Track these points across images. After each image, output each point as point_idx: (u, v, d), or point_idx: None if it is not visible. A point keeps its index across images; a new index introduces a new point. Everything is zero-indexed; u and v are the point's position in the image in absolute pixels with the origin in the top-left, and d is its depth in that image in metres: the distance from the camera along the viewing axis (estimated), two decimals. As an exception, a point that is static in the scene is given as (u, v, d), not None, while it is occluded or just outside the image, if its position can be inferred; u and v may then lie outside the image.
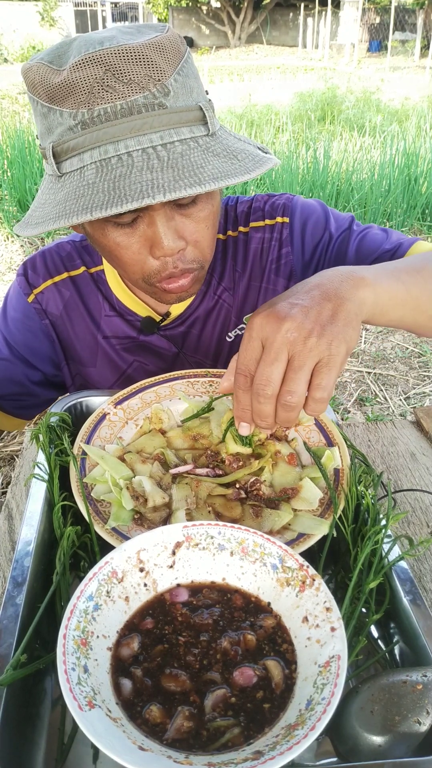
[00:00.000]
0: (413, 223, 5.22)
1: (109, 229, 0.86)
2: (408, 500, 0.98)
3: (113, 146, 0.78)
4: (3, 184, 5.50)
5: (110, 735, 0.47)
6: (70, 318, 1.14)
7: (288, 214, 1.13)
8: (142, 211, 0.83)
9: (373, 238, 1.10)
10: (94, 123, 0.78)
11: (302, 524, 0.73)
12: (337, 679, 0.50)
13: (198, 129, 0.82)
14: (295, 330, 0.68)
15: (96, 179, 0.78)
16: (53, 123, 0.81)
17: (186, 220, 0.87)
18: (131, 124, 0.78)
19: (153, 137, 0.78)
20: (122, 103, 0.77)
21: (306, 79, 14.13)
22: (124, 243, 0.86)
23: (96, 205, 0.75)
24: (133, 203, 0.73)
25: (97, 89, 0.77)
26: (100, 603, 0.58)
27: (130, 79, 0.77)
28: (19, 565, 0.67)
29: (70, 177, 0.81)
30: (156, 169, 0.76)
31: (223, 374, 0.96)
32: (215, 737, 0.50)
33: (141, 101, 0.78)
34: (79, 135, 0.79)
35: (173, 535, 0.64)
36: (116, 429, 0.87)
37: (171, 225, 0.85)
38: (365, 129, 7.62)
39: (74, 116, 0.79)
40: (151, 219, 0.84)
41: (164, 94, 0.79)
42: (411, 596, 0.65)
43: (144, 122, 0.78)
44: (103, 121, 0.78)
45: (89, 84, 0.77)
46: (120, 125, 0.78)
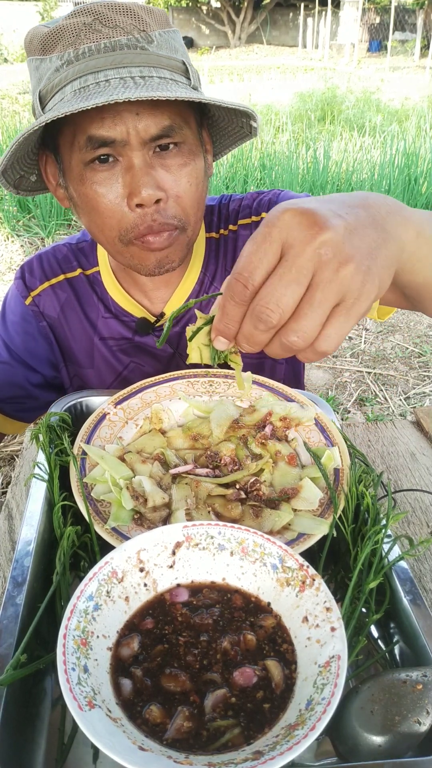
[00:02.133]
0: (413, 223, 5.22)
1: (87, 174, 0.86)
2: (408, 500, 0.98)
3: (93, 76, 0.81)
4: (3, 185, 5.50)
5: (110, 735, 0.47)
6: (67, 320, 1.14)
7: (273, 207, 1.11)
8: (120, 152, 0.84)
9: None
10: (78, 59, 0.82)
11: (302, 524, 0.72)
12: (337, 679, 0.50)
13: (180, 77, 0.85)
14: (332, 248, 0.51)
15: (71, 99, 0.81)
16: (43, 72, 0.85)
17: (166, 172, 0.87)
18: (112, 58, 0.82)
19: (132, 70, 0.82)
20: (106, 42, 0.82)
21: (306, 79, 14.13)
22: (102, 190, 0.87)
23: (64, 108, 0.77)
24: (99, 98, 0.75)
25: (84, 32, 0.82)
26: (100, 603, 0.58)
27: (116, 24, 0.83)
28: (19, 565, 0.67)
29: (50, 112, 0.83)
30: (130, 87, 0.79)
31: (224, 374, 0.96)
32: (215, 737, 0.50)
33: (124, 41, 0.82)
34: (63, 72, 0.83)
35: (173, 535, 0.64)
36: (116, 429, 0.87)
37: (150, 172, 0.85)
38: (365, 129, 7.62)
39: (61, 57, 0.83)
40: (129, 161, 0.85)
41: (148, 41, 0.84)
42: (411, 596, 0.65)
43: (124, 57, 0.82)
44: (87, 57, 0.82)
45: (77, 28, 0.82)
46: (102, 58, 0.82)
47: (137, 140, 0.84)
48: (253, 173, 5.59)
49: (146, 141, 0.84)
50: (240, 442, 0.85)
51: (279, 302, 0.52)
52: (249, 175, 5.53)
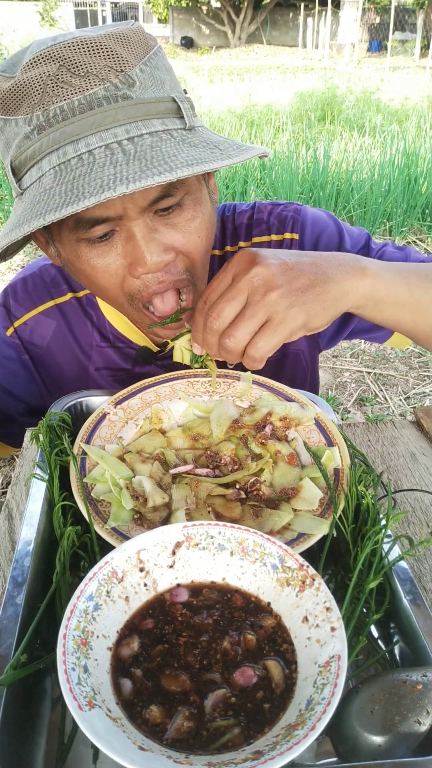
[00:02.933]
0: (413, 223, 5.22)
1: (82, 250, 0.76)
2: (408, 500, 0.98)
3: (72, 146, 0.68)
4: (3, 184, 5.50)
5: (110, 735, 0.47)
6: (58, 350, 1.05)
7: (297, 229, 1.02)
8: (117, 224, 0.74)
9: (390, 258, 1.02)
10: (51, 124, 0.68)
11: (302, 524, 0.72)
12: (337, 679, 0.50)
13: (172, 122, 0.72)
14: (262, 278, 0.67)
15: (53, 184, 0.68)
16: (10, 135, 0.72)
17: (173, 231, 0.77)
18: (91, 119, 0.68)
19: (117, 131, 0.68)
20: (80, 98, 0.68)
21: (306, 79, 14.13)
22: (100, 265, 0.77)
23: (50, 209, 0.65)
24: (90, 199, 0.63)
25: (51, 87, 0.68)
26: (100, 603, 0.58)
27: (88, 71, 0.68)
28: (19, 565, 0.67)
29: (30, 190, 0.72)
30: (120, 163, 0.66)
31: (224, 374, 0.96)
32: (215, 737, 0.50)
33: (101, 93, 0.68)
34: (36, 141, 0.69)
35: (173, 535, 0.64)
36: (116, 429, 0.87)
37: (154, 237, 0.75)
38: (365, 129, 7.62)
39: (29, 121, 0.69)
40: (129, 232, 0.74)
41: (128, 84, 0.69)
42: (411, 596, 0.65)
43: (105, 116, 0.68)
44: (60, 121, 0.68)
45: (42, 82, 0.68)
46: (79, 122, 0.68)
47: (135, 211, 0.73)
48: (253, 173, 5.59)
49: (145, 207, 0.74)
50: (240, 442, 0.85)
51: (220, 313, 0.68)
52: (249, 175, 5.53)
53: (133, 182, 0.63)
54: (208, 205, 0.82)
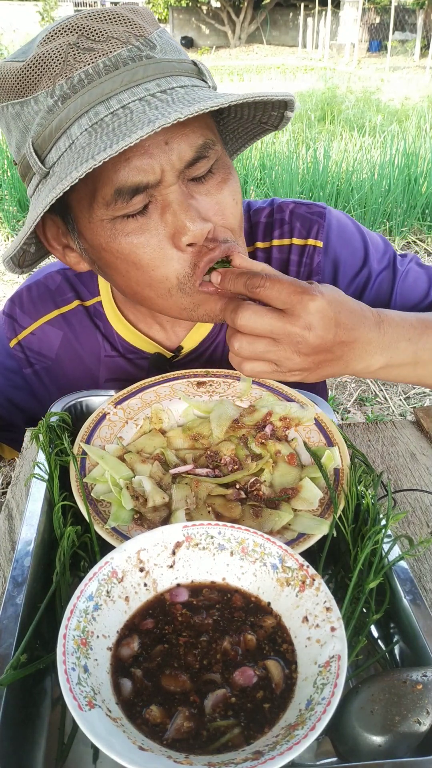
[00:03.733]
0: (413, 223, 5.22)
1: (118, 228, 0.72)
2: (408, 500, 0.98)
3: (104, 105, 0.65)
4: (3, 184, 5.50)
5: (110, 735, 0.47)
6: (66, 361, 1.02)
7: (322, 236, 0.97)
8: (152, 194, 0.70)
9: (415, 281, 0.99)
10: (75, 90, 0.65)
11: (302, 524, 0.72)
12: (337, 679, 0.50)
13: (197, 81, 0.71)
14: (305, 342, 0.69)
15: (90, 141, 0.64)
16: (29, 117, 0.69)
17: (207, 197, 0.74)
18: (119, 78, 0.65)
19: (149, 86, 0.66)
20: (104, 60, 0.65)
21: (306, 79, 14.13)
22: (140, 240, 0.72)
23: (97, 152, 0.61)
24: (144, 129, 0.59)
25: (73, 54, 0.66)
26: (100, 603, 0.58)
27: (109, 36, 0.66)
28: (19, 565, 0.67)
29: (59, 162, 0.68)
30: (161, 107, 0.64)
31: (224, 373, 0.96)
32: (215, 737, 0.50)
33: (125, 54, 0.66)
34: (61, 110, 0.66)
35: (173, 535, 0.64)
36: (116, 429, 0.87)
37: (191, 203, 0.71)
38: (365, 129, 7.62)
39: (51, 93, 0.66)
40: (165, 199, 0.71)
41: (150, 47, 0.68)
42: (411, 596, 0.65)
43: (134, 72, 0.66)
44: (86, 85, 0.65)
45: (63, 52, 0.66)
46: (108, 81, 0.65)
47: (172, 174, 0.70)
48: (253, 173, 5.59)
49: (182, 170, 0.71)
50: (240, 442, 0.85)
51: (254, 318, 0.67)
52: (249, 174, 5.53)
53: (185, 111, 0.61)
54: (235, 172, 0.80)
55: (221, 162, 0.76)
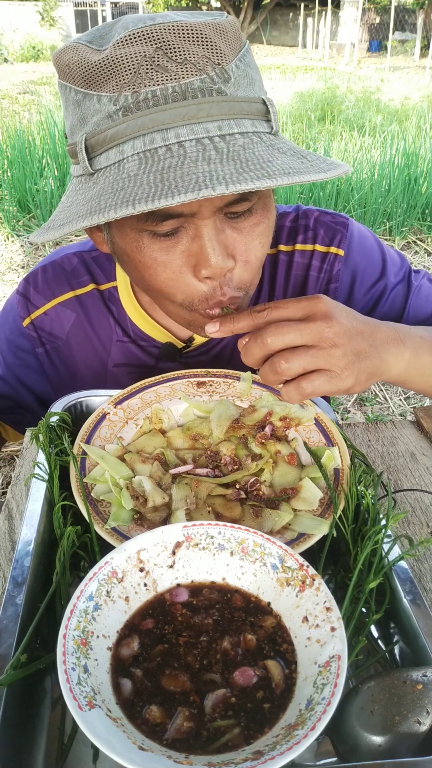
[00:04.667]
0: (413, 223, 5.22)
1: (144, 241, 0.73)
2: (408, 500, 0.98)
3: (161, 135, 0.64)
4: (3, 184, 5.50)
5: (110, 735, 0.47)
6: (77, 341, 1.02)
7: (344, 245, 1.00)
8: (186, 221, 0.71)
9: (428, 297, 1.02)
10: (139, 108, 0.64)
11: (302, 524, 0.72)
12: (337, 679, 0.50)
13: (261, 125, 0.69)
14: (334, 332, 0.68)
15: (139, 171, 0.64)
16: (88, 112, 0.68)
17: (237, 235, 0.74)
18: (184, 110, 0.64)
19: (210, 126, 0.65)
20: (174, 86, 0.64)
21: (306, 79, 14.13)
22: (163, 259, 0.73)
23: (140, 198, 0.61)
24: (187, 195, 0.60)
25: (146, 68, 0.64)
26: (100, 603, 0.58)
27: (186, 59, 0.65)
28: (19, 565, 0.67)
29: (105, 172, 0.67)
30: (214, 160, 0.63)
31: (224, 373, 0.96)
32: (215, 737, 0.50)
33: (197, 84, 0.65)
34: (120, 122, 0.65)
35: (173, 535, 0.64)
36: (116, 429, 0.87)
37: (221, 239, 0.72)
38: (365, 129, 7.62)
39: (115, 101, 0.65)
40: (197, 230, 0.71)
41: (224, 80, 0.66)
42: (411, 596, 0.65)
43: (200, 108, 0.65)
44: (150, 106, 0.64)
45: (136, 62, 0.64)
46: (171, 111, 0.64)
47: (209, 210, 0.70)
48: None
49: (220, 208, 0.71)
50: (240, 442, 0.85)
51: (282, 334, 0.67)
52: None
53: (232, 183, 0.60)
54: (273, 213, 0.80)
55: (262, 203, 0.76)
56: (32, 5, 25.24)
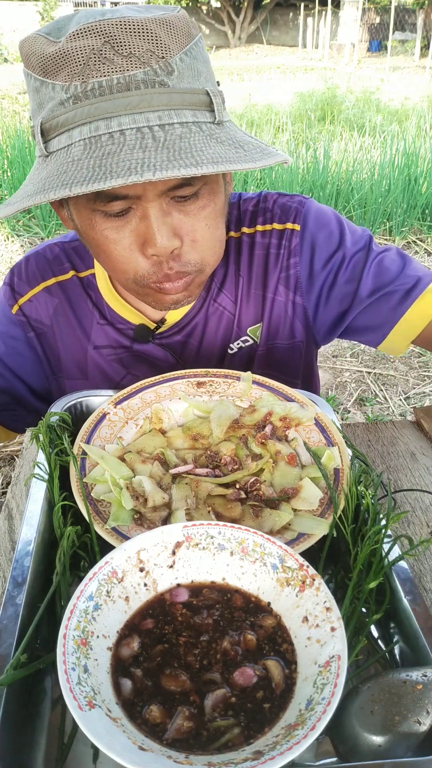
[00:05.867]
0: (413, 223, 5.22)
1: (97, 220, 0.80)
2: (408, 500, 0.98)
3: (105, 123, 0.71)
4: (3, 184, 5.50)
5: (110, 735, 0.47)
6: (60, 327, 1.07)
7: (299, 220, 1.05)
8: (134, 202, 0.77)
9: (390, 265, 1.04)
10: (87, 97, 0.71)
11: (302, 524, 0.72)
12: (337, 679, 0.50)
13: (203, 115, 0.74)
14: None
15: (82, 156, 0.71)
16: (45, 98, 0.75)
17: (184, 217, 0.80)
18: (127, 101, 0.70)
19: (150, 116, 0.71)
20: (119, 77, 0.70)
21: (306, 79, 14.13)
22: (114, 237, 0.80)
23: (77, 181, 0.68)
24: (117, 180, 0.66)
25: (93, 61, 0.70)
26: (100, 603, 0.58)
27: (131, 53, 0.70)
28: (19, 565, 0.67)
29: (56, 155, 0.74)
30: (150, 148, 0.69)
31: (224, 373, 0.96)
32: (215, 737, 0.50)
33: (140, 77, 0.71)
34: (70, 110, 0.72)
35: (173, 535, 0.64)
36: (116, 429, 0.87)
37: (166, 221, 0.78)
38: (365, 129, 7.62)
39: (66, 89, 0.72)
40: (144, 212, 0.77)
41: (167, 72, 0.72)
42: (411, 596, 0.65)
43: (142, 99, 0.70)
44: (97, 95, 0.71)
45: (85, 54, 0.70)
46: (115, 101, 0.70)
47: (154, 193, 0.76)
48: (254, 173, 5.59)
49: (164, 191, 0.77)
50: (240, 442, 0.85)
51: None
52: (249, 174, 5.53)
53: (160, 170, 0.66)
54: (221, 197, 0.86)
55: (208, 187, 0.81)
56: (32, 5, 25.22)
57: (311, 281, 1.06)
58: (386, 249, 1.07)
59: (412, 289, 1.03)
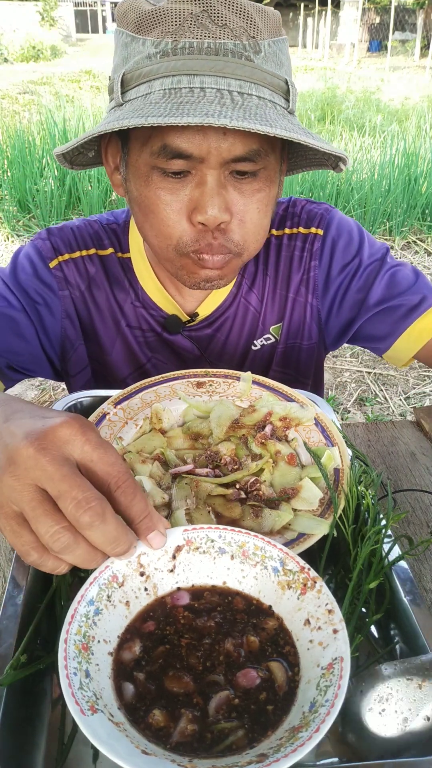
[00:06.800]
0: (413, 223, 5.23)
1: (154, 178, 0.81)
2: (408, 500, 0.98)
3: (188, 78, 0.73)
4: (3, 184, 5.50)
5: (113, 739, 0.47)
6: (94, 297, 1.06)
7: (323, 226, 1.09)
8: (195, 166, 0.78)
9: (402, 279, 1.06)
10: (176, 54, 0.74)
11: (302, 524, 0.72)
12: (341, 681, 0.50)
13: (279, 98, 0.78)
14: None
15: (160, 100, 0.72)
16: (132, 53, 0.77)
17: (238, 195, 0.82)
18: (213, 63, 0.73)
19: (232, 82, 0.73)
20: (210, 42, 0.73)
21: (306, 79, 14.12)
22: (166, 198, 0.81)
23: (153, 115, 0.70)
24: (194, 118, 0.67)
25: (189, 23, 0.73)
26: (101, 607, 0.57)
27: (225, 24, 0.74)
28: (19, 565, 0.67)
29: (132, 102, 0.76)
30: (227, 106, 0.71)
31: (224, 373, 0.96)
32: (219, 740, 0.50)
33: (230, 47, 0.74)
34: (156, 63, 0.74)
35: (174, 538, 0.63)
36: (116, 429, 0.87)
37: (221, 192, 0.80)
38: (365, 129, 7.62)
39: (157, 45, 0.74)
40: (202, 178, 0.79)
41: (255, 51, 0.75)
42: (411, 596, 0.65)
43: (227, 65, 0.73)
44: (186, 54, 0.73)
45: (182, 17, 0.73)
46: (201, 61, 0.73)
47: (217, 159, 0.77)
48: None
49: (227, 161, 0.78)
50: (240, 442, 0.85)
51: None
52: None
53: (235, 121, 0.68)
54: (275, 189, 0.88)
55: (266, 173, 0.83)
56: (32, 5, 25.23)
57: (327, 286, 1.09)
58: (401, 264, 1.09)
59: (419, 304, 1.05)
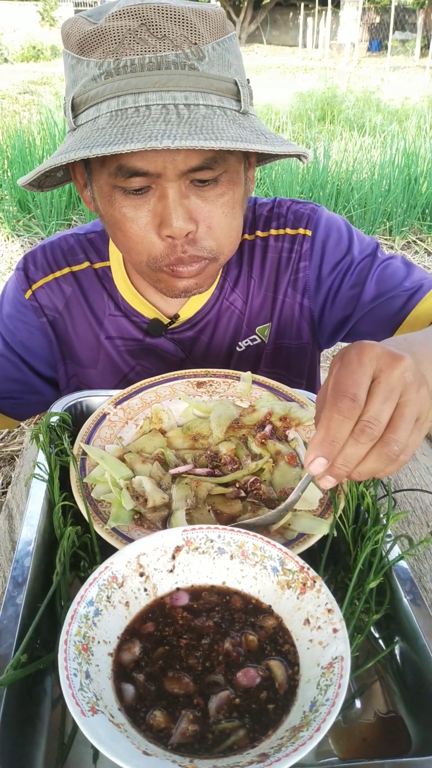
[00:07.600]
0: (413, 223, 5.22)
1: (116, 197, 0.81)
2: (408, 500, 0.98)
3: (133, 97, 0.73)
4: (3, 184, 5.50)
5: (114, 740, 0.47)
6: (72, 316, 1.09)
7: (311, 226, 1.08)
8: (154, 180, 0.79)
9: (394, 272, 1.06)
10: (119, 73, 0.74)
11: (302, 524, 0.72)
12: (341, 680, 0.50)
13: (229, 102, 0.77)
14: (412, 374, 0.59)
15: (107, 125, 0.73)
16: (78, 75, 0.78)
17: (202, 202, 0.82)
18: (156, 78, 0.73)
19: (177, 95, 0.73)
20: (151, 57, 0.73)
21: (306, 78, 14.12)
22: (131, 215, 0.82)
23: (98, 144, 0.71)
24: (137, 144, 0.68)
25: (128, 40, 0.73)
26: (101, 608, 0.57)
27: (165, 35, 0.73)
28: (19, 565, 0.67)
29: (83, 127, 0.77)
30: (173, 122, 0.71)
31: (224, 373, 0.96)
32: (220, 740, 0.50)
33: (172, 58, 0.73)
34: (101, 85, 0.75)
35: (173, 539, 0.63)
36: (116, 429, 0.87)
37: (183, 203, 0.80)
38: (365, 129, 7.62)
39: (100, 66, 0.75)
40: (163, 191, 0.79)
41: (198, 57, 0.75)
42: (411, 596, 0.65)
43: (170, 78, 0.73)
44: (128, 72, 0.74)
45: (121, 34, 0.73)
46: (144, 77, 0.73)
47: (174, 172, 0.78)
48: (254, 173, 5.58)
49: (184, 172, 0.78)
50: (240, 442, 0.85)
51: (379, 417, 0.57)
52: (249, 174, 5.52)
53: (179, 140, 0.68)
54: (241, 188, 0.87)
55: (228, 176, 0.83)
56: (32, 5, 25.22)
57: (319, 285, 1.08)
58: (392, 257, 1.09)
59: (413, 294, 1.04)
